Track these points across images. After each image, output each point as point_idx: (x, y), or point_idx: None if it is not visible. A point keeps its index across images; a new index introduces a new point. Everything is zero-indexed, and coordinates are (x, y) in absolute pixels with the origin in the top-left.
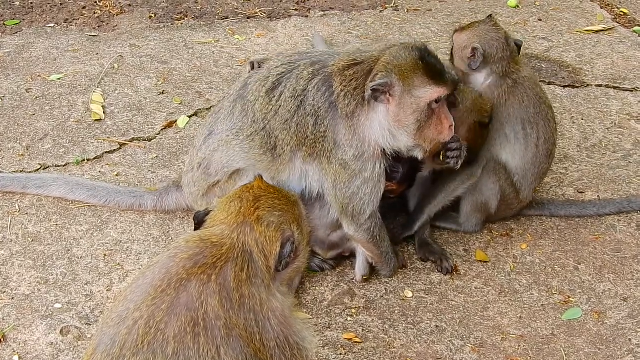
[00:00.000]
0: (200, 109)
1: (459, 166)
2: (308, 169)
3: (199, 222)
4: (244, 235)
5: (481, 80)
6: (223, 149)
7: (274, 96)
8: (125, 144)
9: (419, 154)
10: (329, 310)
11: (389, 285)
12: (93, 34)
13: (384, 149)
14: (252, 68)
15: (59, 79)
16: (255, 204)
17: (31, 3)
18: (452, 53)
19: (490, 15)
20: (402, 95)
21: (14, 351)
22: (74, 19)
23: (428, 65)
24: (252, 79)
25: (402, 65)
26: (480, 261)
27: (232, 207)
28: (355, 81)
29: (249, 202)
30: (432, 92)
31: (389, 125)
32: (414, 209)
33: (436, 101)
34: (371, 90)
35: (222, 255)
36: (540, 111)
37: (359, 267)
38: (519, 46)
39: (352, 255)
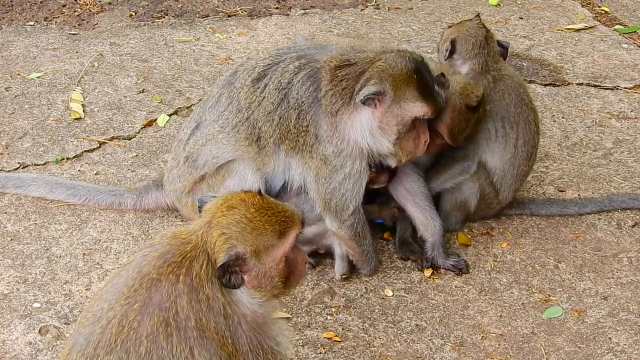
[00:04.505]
0: (180, 108)
1: None
2: (291, 162)
3: (200, 207)
4: (206, 235)
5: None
6: (212, 142)
7: (259, 87)
8: (104, 142)
9: (392, 162)
10: (308, 309)
11: (369, 284)
12: (73, 32)
13: (363, 149)
14: None
15: (38, 77)
16: (227, 212)
17: (11, 1)
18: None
19: (478, 15)
20: (390, 104)
21: None
22: (53, 17)
23: (421, 81)
24: (242, 66)
25: (396, 75)
26: (463, 244)
27: (214, 206)
28: (345, 82)
29: (224, 208)
30: (419, 108)
31: (371, 127)
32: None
33: (420, 118)
34: (363, 97)
35: (188, 253)
36: (521, 112)
37: (339, 266)
38: (505, 48)
39: (330, 253)
